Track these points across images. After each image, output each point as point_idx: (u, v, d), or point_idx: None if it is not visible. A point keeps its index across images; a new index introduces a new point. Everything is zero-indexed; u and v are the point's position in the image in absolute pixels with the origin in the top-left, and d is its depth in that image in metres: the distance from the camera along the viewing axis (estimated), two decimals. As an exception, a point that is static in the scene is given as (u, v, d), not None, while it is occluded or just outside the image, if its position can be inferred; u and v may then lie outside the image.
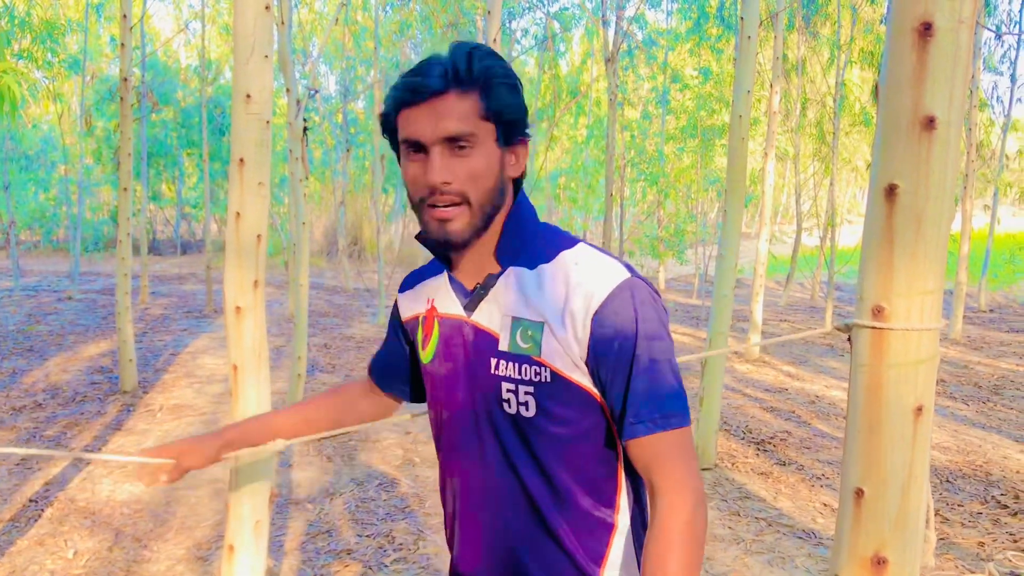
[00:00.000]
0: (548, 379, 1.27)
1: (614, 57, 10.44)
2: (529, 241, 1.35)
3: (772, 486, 5.17)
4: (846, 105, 15.54)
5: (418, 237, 1.40)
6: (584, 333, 1.25)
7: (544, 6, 14.80)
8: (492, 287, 1.33)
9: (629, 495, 1.38)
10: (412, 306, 1.52)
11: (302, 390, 6.57)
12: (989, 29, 13.77)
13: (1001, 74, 17.39)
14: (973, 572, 3.95)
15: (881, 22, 14.60)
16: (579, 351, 1.26)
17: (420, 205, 1.28)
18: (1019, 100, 18.40)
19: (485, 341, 1.33)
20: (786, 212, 35.50)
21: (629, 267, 1.31)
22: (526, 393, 1.28)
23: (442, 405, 1.42)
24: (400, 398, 1.70)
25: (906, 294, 1.49)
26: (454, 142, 1.23)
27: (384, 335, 1.70)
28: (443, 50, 1.27)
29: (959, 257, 12.71)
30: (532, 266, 1.32)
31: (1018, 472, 5.59)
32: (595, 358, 1.26)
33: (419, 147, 1.25)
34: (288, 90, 6.48)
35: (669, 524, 1.22)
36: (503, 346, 1.30)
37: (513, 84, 1.28)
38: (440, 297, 1.43)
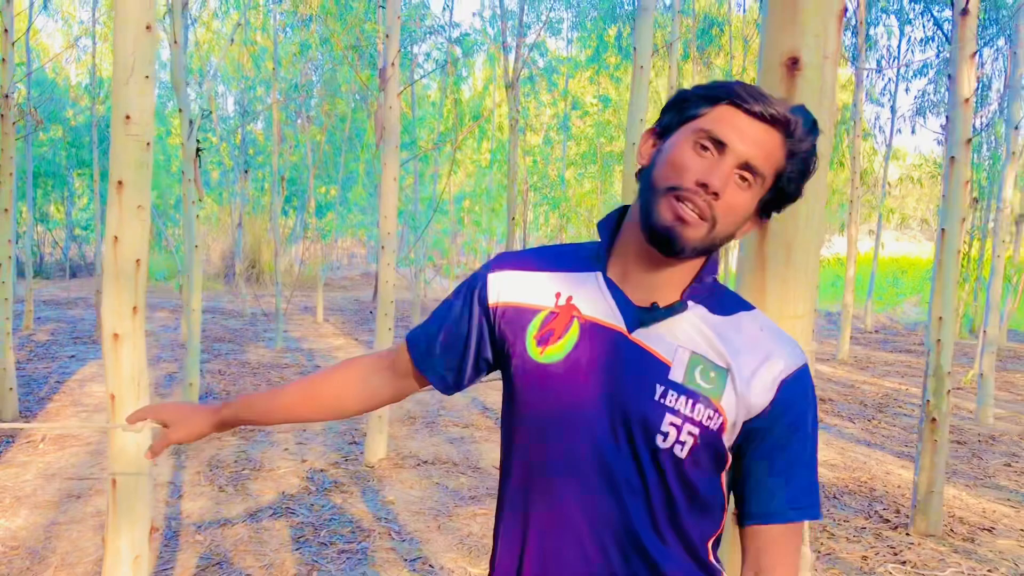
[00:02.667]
0: (716, 428, 1.20)
1: (515, 83, 10.55)
2: (711, 288, 1.28)
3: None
4: (739, 133, 16.01)
5: (602, 223, 1.32)
6: (767, 396, 1.21)
7: (445, 32, 14.87)
8: (675, 313, 1.24)
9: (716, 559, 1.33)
10: (519, 292, 1.33)
11: (194, 418, 6.37)
12: (868, 68, 14.42)
13: (882, 105, 18.22)
14: (857, 586, 4.08)
15: (771, 54, 15.14)
16: (751, 410, 1.21)
17: (665, 192, 1.17)
18: (899, 131, 19.28)
19: (651, 365, 1.22)
20: (684, 236, 36.34)
21: None
22: (689, 433, 1.19)
23: (563, 416, 1.25)
24: (428, 382, 1.46)
25: (778, 319, 1.54)
26: (746, 171, 1.17)
27: (440, 308, 1.45)
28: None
29: (846, 280, 13.22)
30: (713, 312, 1.26)
31: (899, 487, 5.82)
32: (763, 425, 1.22)
33: (718, 147, 1.16)
34: (181, 110, 6.33)
35: None
36: (676, 377, 1.20)
37: (810, 173, 1.24)
38: (585, 298, 1.28)
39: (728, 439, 1.22)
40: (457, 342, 1.40)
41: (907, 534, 4.87)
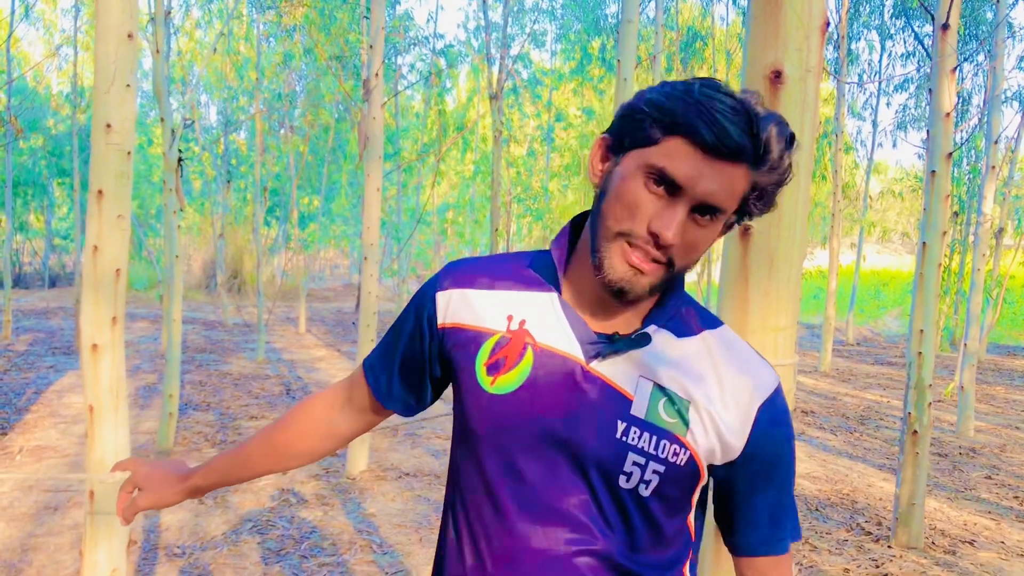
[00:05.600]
0: (683, 463, 1.11)
1: (499, 94, 10.57)
2: (677, 307, 1.18)
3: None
4: (722, 146, 16.13)
5: (556, 242, 1.22)
6: (746, 426, 1.12)
7: (429, 43, 14.89)
8: (638, 347, 1.13)
9: None
10: (469, 313, 1.23)
11: (174, 429, 6.33)
12: (850, 82, 14.52)
13: (864, 119, 18.35)
14: (839, 598, 4.08)
15: (754, 68, 15.23)
16: (730, 441, 1.12)
17: (615, 236, 1.06)
18: (880, 145, 19.44)
19: (611, 399, 1.12)
20: (667, 248, 36.52)
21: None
22: (654, 472, 1.10)
23: (515, 452, 1.16)
24: (393, 411, 1.38)
25: (760, 331, 1.54)
26: (707, 211, 1.05)
27: (391, 331, 1.37)
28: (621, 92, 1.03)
29: (828, 293, 13.28)
30: (677, 335, 1.16)
31: (881, 499, 5.83)
32: (747, 454, 1.14)
33: (671, 188, 1.03)
34: (163, 119, 6.30)
35: None
36: (638, 411, 1.11)
37: (782, 186, 1.10)
38: (539, 322, 1.17)
39: (702, 473, 1.14)
40: (413, 365, 1.32)
41: (889, 547, 4.88)
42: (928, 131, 5.01)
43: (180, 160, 6.33)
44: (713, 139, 1.00)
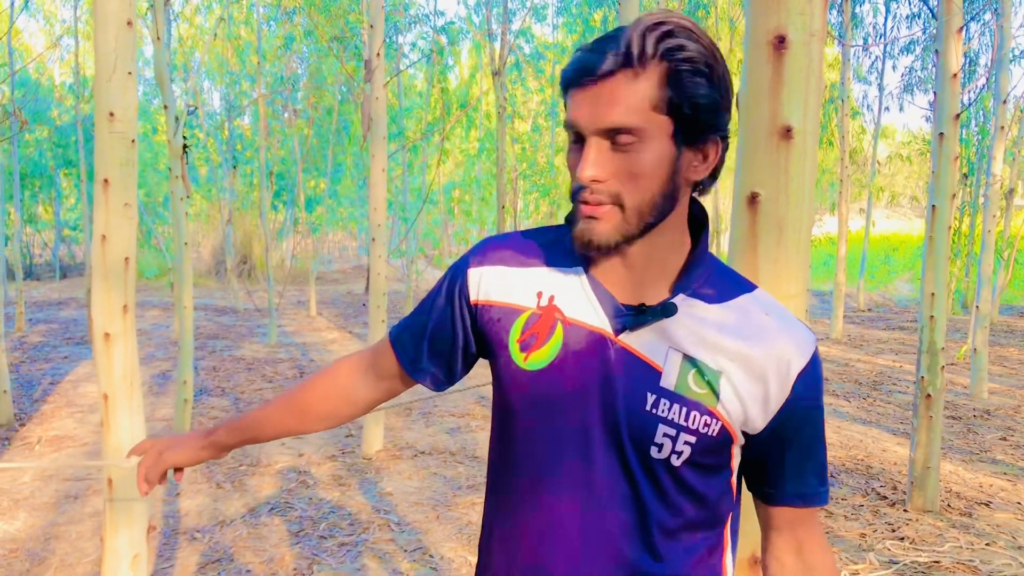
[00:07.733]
0: (715, 433, 1.12)
1: (501, 70, 10.52)
2: (705, 271, 1.17)
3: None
4: (727, 115, 15.99)
5: (571, 217, 1.20)
6: (782, 395, 1.12)
7: (430, 21, 14.80)
8: (665, 316, 1.12)
9: (732, 555, 1.29)
10: (501, 290, 1.24)
11: (189, 416, 6.37)
12: (855, 45, 14.38)
13: (870, 84, 18.20)
14: (856, 563, 4.10)
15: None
16: (766, 409, 1.13)
17: (573, 200, 1.10)
18: (887, 108, 19.29)
19: (640, 371, 1.12)
20: (675, 220, 36.34)
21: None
22: (685, 443, 1.11)
23: (549, 426, 1.17)
24: (418, 382, 1.37)
25: (771, 299, 1.53)
26: (614, 134, 1.04)
27: (422, 304, 1.36)
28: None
29: (837, 259, 13.23)
30: (709, 302, 1.14)
31: (895, 464, 5.84)
32: (782, 421, 1.14)
33: (578, 135, 1.07)
34: (166, 107, 6.29)
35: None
36: (667, 383, 1.11)
37: (703, 69, 1.04)
38: (568, 298, 1.17)
39: (735, 440, 1.15)
40: (444, 341, 1.32)
41: (905, 510, 4.89)
42: (935, 93, 4.96)
43: (185, 147, 6.32)
44: (575, 72, 1.05)
